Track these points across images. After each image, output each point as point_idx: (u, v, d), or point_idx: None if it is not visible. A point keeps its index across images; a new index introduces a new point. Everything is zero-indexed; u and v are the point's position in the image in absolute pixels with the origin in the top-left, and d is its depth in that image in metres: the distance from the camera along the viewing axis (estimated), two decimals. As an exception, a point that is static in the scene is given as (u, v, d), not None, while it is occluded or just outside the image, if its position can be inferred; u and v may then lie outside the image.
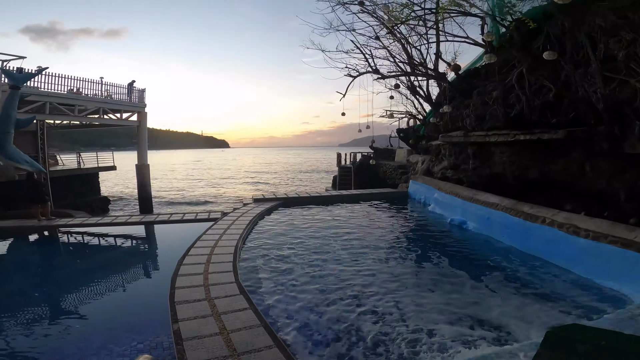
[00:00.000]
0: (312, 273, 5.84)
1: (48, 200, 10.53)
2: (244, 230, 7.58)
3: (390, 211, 11.15)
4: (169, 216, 10.45)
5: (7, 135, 12.42)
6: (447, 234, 8.40)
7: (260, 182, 40.73)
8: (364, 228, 8.89)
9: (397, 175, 15.37)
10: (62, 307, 5.37)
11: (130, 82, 18.87)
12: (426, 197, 11.50)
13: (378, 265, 6.40)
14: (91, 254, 7.95)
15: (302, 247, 7.18)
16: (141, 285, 6.06)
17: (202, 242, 6.67)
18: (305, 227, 8.69)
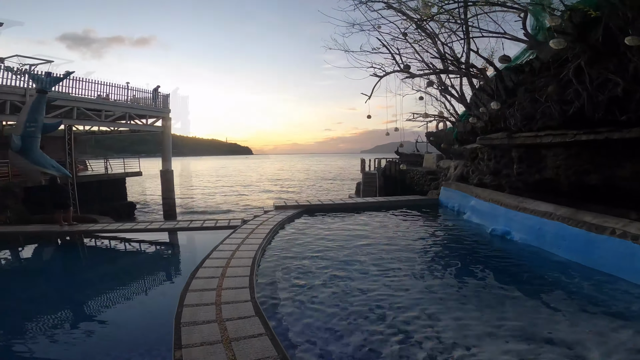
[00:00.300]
0: (338, 290, 5.15)
1: (70, 205, 10.43)
2: (264, 240, 7.00)
3: (421, 220, 10.29)
4: (189, 223, 10.10)
5: (34, 140, 12.57)
6: (489, 246, 7.51)
7: (283, 189, 40.44)
8: (393, 238, 8.11)
9: (426, 182, 14.43)
10: (58, 319, 4.91)
11: (155, 87, 19.04)
12: (460, 205, 10.57)
13: (412, 280, 5.63)
14: (105, 262, 7.61)
15: (326, 259, 6.51)
16: (149, 300, 5.52)
17: (219, 253, 6.14)
18: (329, 236, 8.02)
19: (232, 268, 5.38)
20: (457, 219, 9.95)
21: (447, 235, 8.63)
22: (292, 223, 9.31)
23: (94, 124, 17.72)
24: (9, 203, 13.98)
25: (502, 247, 7.34)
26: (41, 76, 12.93)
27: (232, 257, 5.90)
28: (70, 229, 10.03)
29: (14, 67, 13.20)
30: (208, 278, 4.98)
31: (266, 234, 7.39)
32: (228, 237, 7.14)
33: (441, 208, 11.77)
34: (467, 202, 9.87)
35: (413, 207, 11.65)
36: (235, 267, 5.44)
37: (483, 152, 9.33)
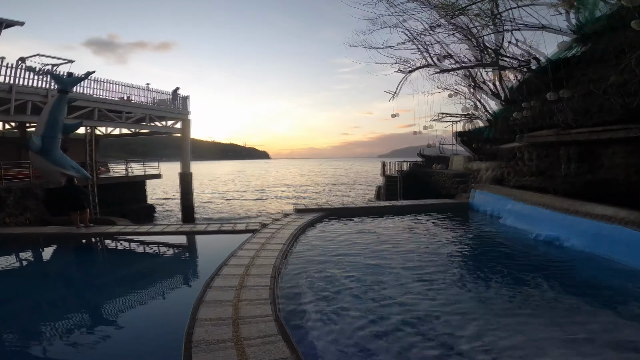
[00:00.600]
0: (371, 302, 4.53)
1: (87, 207, 10.20)
2: (285, 245, 6.44)
3: (452, 224, 9.52)
4: (206, 226, 9.69)
5: (54, 140, 12.50)
6: (536, 252, 6.73)
7: (300, 192, 39.94)
8: (425, 243, 7.42)
9: (454, 185, 13.57)
10: (58, 328, 4.39)
11: (174, 89, 18.97)
12: (496, 209, 9.73)
13: (453, 290, 5.00)
14: (117, 267, 7.21)
15: (355, 267, 5.90)
16: (158, 311, 4.91)
17: (237, 260, 5.62)
18: (355, 242, 7.39)
19: (252, 277, 4.83)
20: (493, 224, 9.13)
21: (484, 240, 7.84)
22: (314, 227, 8.73)
23: (114, 126, 17.75)
24: (29, 204, 14.04)
25: (550, 254, 6.56)
26: (62, 76, 12.94)
27: (251, 264, 5.36)
28: (87, 231, 9.79)
29: (36, 67, 13.26)
30: (224, 289, 4.44)
31: (287, 239, 6.83)
32: (247, 242, 6.63)
33: (472, 212, 10.95)
34: (504, 206, 9.04)
35: (441, 211, 10.90)
36: (255, 275, 4.89)
37: (524, 152, 8.49)
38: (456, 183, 13.30)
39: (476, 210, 10.87)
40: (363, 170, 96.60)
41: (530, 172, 8.13)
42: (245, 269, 5.15)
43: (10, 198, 13.34)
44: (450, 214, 10.65)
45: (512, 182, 9.08)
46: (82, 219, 10.23)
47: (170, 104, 18.79)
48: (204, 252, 7.99)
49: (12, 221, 12.85)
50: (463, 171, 14.00)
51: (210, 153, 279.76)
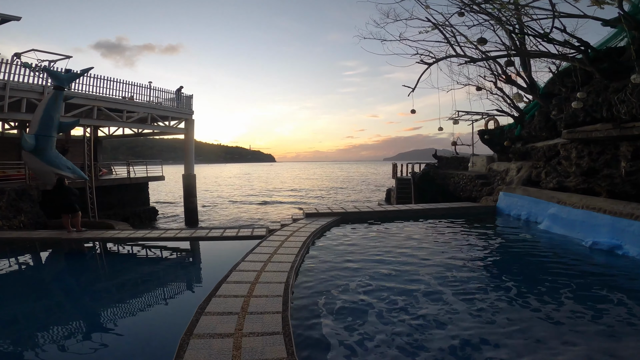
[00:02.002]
0: (406, 326, 3.59)
1: (79, 210, 9.36)
2: (297, 256, 5.48)
3: (482, 230, 8.50)
4: (208, 231, 8.78)
5: (49, 139, 11.71)
6: (595, 262, 5.73)
7: (308, 195, 38.96)
8: (456, 252, 6.44)
9: (476, 187, 12.52)
10: (28, 346, 3.53)
11: (178, 87, 18.22)
12: (531, 213, 8.68)
13: (506, 308, 4.12)
14: (104, 277, 6.27)
15: (381, 282, 4.93)
16: (138, 343, 3.71)
17: (239, 275, 4.67)
18: (376, 251, 6.41)
19: (257, 299, 3.88)
20: (531, 230, 8.08)
21: (527, 249, 6.80)
22: (326, 234, 7.76)
23: (115, 125, 17.02)
24: (24, 207, 13.29)
25: (614, 264, 5.54)
26: (58, 72, 12.22)
27: (256, 281, 4.40)
28: (77, 236, 8.96)
29: (32, 63, 12.55)
30: (223, 315, 3.49)
31: (299, 249, 5.87)
32: (251, 252, 5.68)
33: (500, 216, 9.90)
34: (544, 210, 7.99)
35: (464, 216, 9.91)
36: (262, 296, 3.93)
37: (571, 149, 7.43)
38: (479, 185, 12.24)
39: (505, 214, 9.83)
40: (370, 173, 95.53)
41: (580, 172, 7.07)
42: (249, 287, 4.20)
43: (3, 200, 12.59)
44: (475, 218, 9.66)
45: (551, 183, 8.04)
46: (73, 222, 9.41)
47: (174, 101, 18.02)
48: (204, 263, 7.05)
49: (5, 224, 12.10)
50: (485, 172, 12.95)
51: (217, 156, 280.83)
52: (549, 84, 8.21)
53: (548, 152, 8.44)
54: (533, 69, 9.09)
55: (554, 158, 8.14)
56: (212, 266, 6.40)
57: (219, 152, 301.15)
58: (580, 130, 6.80)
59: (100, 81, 14.35)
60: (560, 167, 7.86)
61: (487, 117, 13.78)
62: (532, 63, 9.09)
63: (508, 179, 10.37)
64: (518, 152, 10.41)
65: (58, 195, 9.36)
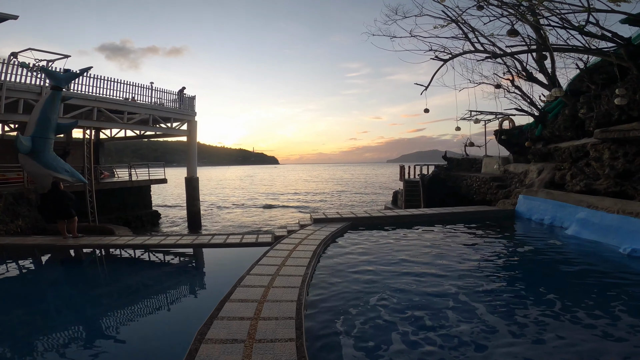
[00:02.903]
0: (434, 348, 3.12)
1: (74, 215, 8.90)
2: (307, 268, 4.95)
3: (504, 236, 8.00)
4: (210, 238, 8.29)
5: (46, 141, 11.30)
6: (636, 272, 5.15)
7: (313, 198, 38.23)
8: (481, 260, 5.91)
9: (491, 190, 11.95)
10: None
11: (180, 88, 17.82)
12: (556, 217, 8.12)
13: (549, 320, 3.71)
14: (95, 290, 5.74)
15: (401, 295, 4.43)
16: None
17: (244, 292, 4.14)
18: (392, 259, 5.87)
19: (266, 322, 3.35)
20: (557, 236, 7.50)
21: (558, 256, 6.23)
22: (338, 241, 7.23)
23: (115, 127, 16.61)
24: (21, 211, 12.88)
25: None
26: (55, 71, 11.83)
27: (264, 299, 3.88)
28: (73, 242, 8.50)
29: (29, 62, 12.16)
30: (226, 343, 2.96)
31: (309, 260, 5.34)
32: (257, 264, 5.15)
33: (520, 220, 9.33)
34: (571, 214, 7.42)
35: (481, 220, 9.36)
36: (271, 319, 3.40)
37: (603, 150, 6.85)
38: (494, 188, 11.66)
39: (526, 218, 9.25)
40: (374, 175, 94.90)
41: (614, 174, 6.50)
42: (256, 307, 3.67)
43: (0, 204, 12.21)
44: (493, 222, 9.12)
45: (578, 186, 7.47)
46: (69, 228, 8.95)
47: (176, 103, 17.60)
48: (206, 274, 6.54)
49: (2, 229, 11.68)
50: (500, 174, 12.37)
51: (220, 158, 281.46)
52: (576, 81, 7.66)
53: (575, 153, 7.86)
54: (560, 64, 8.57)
55: (582, 159, 7.57)
56: (214, 278, 5.89)
57: (222, 154, 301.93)
58: (615, 129, 6.24)
59: (100, 81, 13.95)
60: (588, 169, 7.29)
61: (502, 117, 13.21)
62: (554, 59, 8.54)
63: (528, 182, 9.79)
64: (539, 153, 9.83)
65: (53, 199, 8.90)
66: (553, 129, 8.87)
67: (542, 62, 8.42)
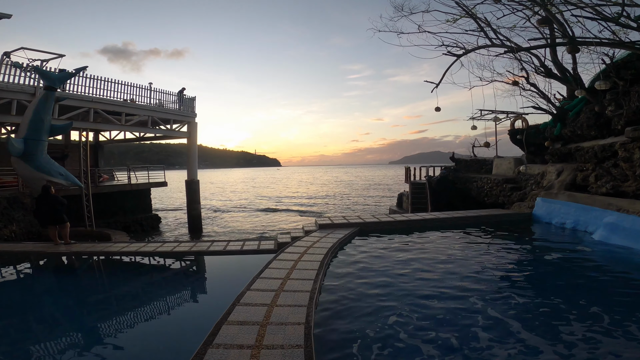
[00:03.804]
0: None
1: (67, 221, 8.44)
2: (315, 282, 4.42)
3: (526, 241, 7.48)
4: (209, 245, 7.80)
5: (38, 144, 10.83)
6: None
7: (317, 203, 37.08)
8: (507, 269, 5.40)
9: (504, 192, 11.40)
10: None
11: (180, 89, 17.38)
12: (579, 221, 7.59)
13: (599, 337, 3.26)
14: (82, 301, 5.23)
15: (421, 311, 3.93)
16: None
17: (244, 311, 3.62)
18: (407, 270, 5.33)
19: (270, 351, 2.83)
20: (583, 241, 6.95)
21: (589, 264, 5.69)
22: (346, 249, 6.70)
23: (113, 129, 16.17)
24: (16, 215, 12.45)
25: None
26: (49, 71, 11.40)
27: (266, 321, 3.36)
28: (65, 249, 8.03)
29: (23, 62, 11.74)
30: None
31: (316, 272, 4.82)
32: (259, 277, 4.62)
33: (538, 224, 8.79)
34: (597, 218, 6.90)
35: (497, 224, 8.86)
36: (276, 347, 2.88)
37: (632, 150, 6.32)
38: (508, 190, 11.10)
39: (544, 222, 8.71)
40: (376, 177, 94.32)
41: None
42: (257, 331, 3.15)
43: (-7, 208, 11.78)
44: (510, 227, 8.61)
45: (603, 188, 6.94)
46: (61, 234, 8.49)
47: (175, 104, 17.16)
48: (202, 286, 6.01)
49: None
50: (514, 176, 11.81)
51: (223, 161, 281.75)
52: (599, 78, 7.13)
53: (600, 152, 7.32)
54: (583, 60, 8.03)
55: (609, 160, 7.03)
56: (212, 292, 5.37)
57: (225, 157, 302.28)
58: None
59: (97, 82, 13.51)
60: (616, 170, 6.75)
61: (514, 115, 12.67)
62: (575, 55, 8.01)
63: (545, 183, 9.24)
64: (557, 154, 9.28)
65: (44, 204, 8.44)
66: (574, 128, 8.34)
67: (558, 60, 7.87)
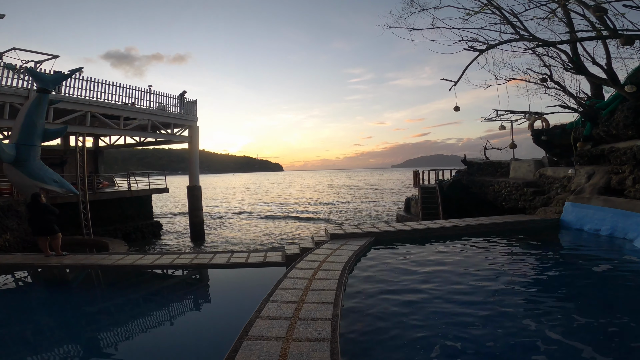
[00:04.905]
0: None
1: (58, 231, 7.83)
2: (335, 307, 3.73)
3: (564, 250, 6.81)
4: (211, 257, 7.17)
5: (31, 149, 10.23)
6: None
7: (324, 210, 35.70)
8: (553, 286, 4.67)
9: (525, 197, 10.68)
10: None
11: (181, 92, 16.84)
12: (617, 228, 6.93)
13: None
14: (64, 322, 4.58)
15: (466, 345, 3.21)
16: None
17: (254, 348, 2.94)
18: (438, 288, 4.62)
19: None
20: (624, 249, 6.26)
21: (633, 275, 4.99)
22: (363, 262, 6.02)
23: (110, 133, 15.62)
24: (10, 224, 11.87)
25: None
26: (42, 73, 10.86)
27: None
28: (57, 262, 7.41)
29: (16, 64, 11.21)
30: None
31: (335, 293, 4.12)
32: (269, 300, 3.93)
33: (568, 231, 8.09)
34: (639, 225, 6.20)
35: (523, 231, 8.26)
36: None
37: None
38: (530, 194, 10.38)
39: (575, 228, 8.02)
40: (379, 181, 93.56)
41: None
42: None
43: (-15, 218, 11.22)
44: (537, 234, 7.96)
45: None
46: (52, 245, 7.89)
47: (176, 106, 16.60)
48: (203, 307, 5.31)
49: (-13, 244, 10.69)
50: (534, 179, 11.10)
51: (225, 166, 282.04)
52: (639, 73, 6.49)
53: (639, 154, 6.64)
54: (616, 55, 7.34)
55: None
56: (213, 315, 4.68)
57: (227, 162, 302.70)
58: None
59: (94, 84, 12.97)
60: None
61: (532, 116, 11.97)
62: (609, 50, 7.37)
63: (574, 187, 8.53)
64: (587, 155, 8.58)
65: (34, 214, 7.84)
66: (608, 128, 7.66)
67: (578, 61, 7.18)
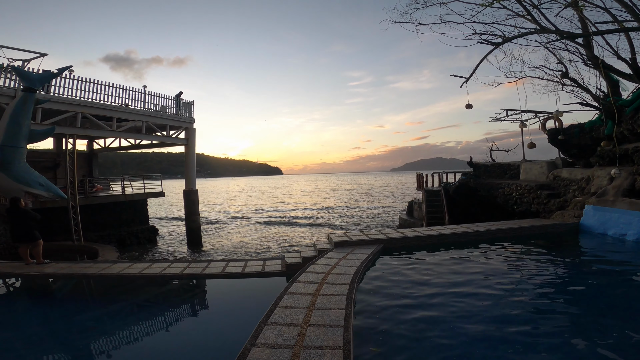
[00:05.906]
0: None
1: (38, 238, 7.24)
2: (346, 331, 3.14)
3: (591, 257, 6.20)
4: (205, 266, 6.60)
5: (16, 151, 9.63)
6: None
7: (323, 214, 34.99)
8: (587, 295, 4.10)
9: (538, 200, 10.10)
10: None
11: (177, 93, 16.30)
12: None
13: None
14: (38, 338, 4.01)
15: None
16: None
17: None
18: (459, 303, 4.03)
19: None
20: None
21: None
22: (372, 273, 5.42)
23: (103, 135, 15.03)
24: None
25: None
26: (28, 71, 10.31)
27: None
28: (37, 271, 6.83)
29: (3, 63, 10.65)
30: None
31: (344, 311, 3.53)
32: (268, 321, 3.34)
33: (589, 236, 7.53)
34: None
35: (541, 236, 7.76)
36: None
37: None
38: (544, 197, 9.80)
39: (598, 233, 7.47)
40: (379, 184, 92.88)
41: None
42: None
43: (-31, 224, 10.63)
44: (557, 239, 7.41)
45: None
46: (33, 253, 7.30)
47: (172, 108, 16.05)
48: (193, 326, 4.69)
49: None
50: (548, 181, 10.52)
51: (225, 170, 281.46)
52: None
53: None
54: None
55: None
56: (203, 336, 4.07)
57: (226, 165, 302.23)
58: None
59: (85, 84, 12.41)
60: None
61: (545, 115, 11.43)
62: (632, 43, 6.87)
63: (594, 189, 7.98)
64: (608, 156, 8.04)
65: (12, 220, 7.26)
66: (633, 126, 7.14)
67: (594, 59, 6.66)
